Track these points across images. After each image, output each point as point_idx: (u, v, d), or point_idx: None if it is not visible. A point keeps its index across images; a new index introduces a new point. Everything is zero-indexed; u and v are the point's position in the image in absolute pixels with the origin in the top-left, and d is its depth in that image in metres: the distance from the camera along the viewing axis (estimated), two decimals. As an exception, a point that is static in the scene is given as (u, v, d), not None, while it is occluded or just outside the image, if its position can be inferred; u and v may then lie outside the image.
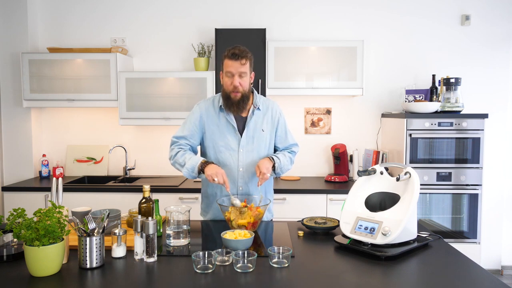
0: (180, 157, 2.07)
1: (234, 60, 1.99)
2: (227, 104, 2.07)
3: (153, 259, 1.56)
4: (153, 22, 3.72)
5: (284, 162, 2.13)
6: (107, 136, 3.78)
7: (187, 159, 2.04)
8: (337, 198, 3.16)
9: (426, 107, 3.22)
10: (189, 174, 2.03)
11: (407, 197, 1.69)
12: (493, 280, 1.38)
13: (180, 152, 2.10)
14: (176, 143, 2.14)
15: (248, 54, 2.03)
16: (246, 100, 2.07)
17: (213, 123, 2.13)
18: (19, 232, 1.40)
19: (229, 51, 2.01)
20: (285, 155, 2.18)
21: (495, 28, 3.66)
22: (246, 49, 2.04)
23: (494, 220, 3.72)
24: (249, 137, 2.12)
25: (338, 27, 3.69)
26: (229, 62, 2.01)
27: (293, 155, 2.24)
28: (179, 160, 2.07)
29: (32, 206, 3.02)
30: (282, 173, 2.14)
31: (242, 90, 2.04)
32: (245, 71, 2.02)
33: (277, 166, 2.09)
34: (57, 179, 1.74)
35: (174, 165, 2.12)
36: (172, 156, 2.12)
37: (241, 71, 2.01)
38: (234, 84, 2.02)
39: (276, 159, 2.10)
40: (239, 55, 1.99)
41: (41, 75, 3.41)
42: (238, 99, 2.05)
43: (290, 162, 2.19)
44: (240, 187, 2.13)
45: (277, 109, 2.21)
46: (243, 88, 2.04)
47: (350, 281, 1.40)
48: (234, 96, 2.04)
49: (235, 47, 2.02)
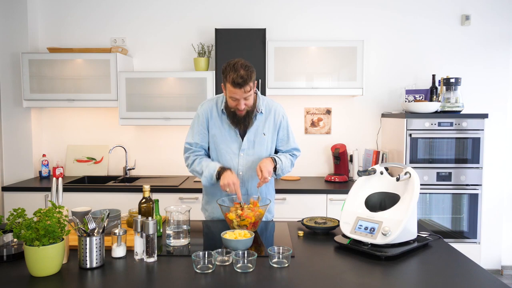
0: (197, 165, 2.09)
1: (238, 88, 1.91)
2: (233, 121, 2.06)
3: (153, 259, 1.56)
4: (153, 22, 3.72)
5: (285, 164, 2.13)
6: (107, 136, 3.78)
7: (204, 167, 2.06)
8: (337, 198, 3.16)
9: (426, 107, 3.22)
10: (208, 182, 2.05)
11: (407, 197, 1.69)
12: (493, 280, 1.38)
13: (196, 160, 2.12)
14: (189, 150, 2.15)
15: (251, 78, 1.92)
16: (251, 114, 2.06)
17: (216, 125, 2.12)
18: (19, 232, 1.40)
19: (231, 78, 1.88)
20: (286, 157, 2.17)
21: (495, 28, 3.66)
22: (248, 70, 1.90)
23: (494, 220, 3.72)
24: (250, 142, 2.11)
25: (338, 27, 3.69)
26: (232, 89, 1.92)
27: (294, 158, 2.24)
28: (197, 169, 2.10)
29: (32, 206, 3.02)
30: (282, 174, 2.14)
31: (248, 108, 2.03)
32: (250, 94, 1.97)
33: (279, 167, 2.09)
34: (57, 179, 1.74)
35: (192, 173, 2.15)
36: (189, 164, 2.15)
37: (246, 96, 1.96)
38: (239, 108, 1.99)
39: (278, 160, 2.09)
40: (242, 84, 1.89)
41: (41, 75, 3.41)
42: (244, 116, 2.04)
43: (290, 164, 2.19)
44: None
45: (280, 112, 2.19)
46: (249, 106, 2.02)
47: (350, 281, 1.40)
48: (239, 113, 2.03)
49: (237, 73, 1.87)
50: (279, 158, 2.11)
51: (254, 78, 1.97)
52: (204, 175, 2.05)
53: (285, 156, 2.17)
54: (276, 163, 2.07)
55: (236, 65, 1.90)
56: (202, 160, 2.10)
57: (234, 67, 1.90)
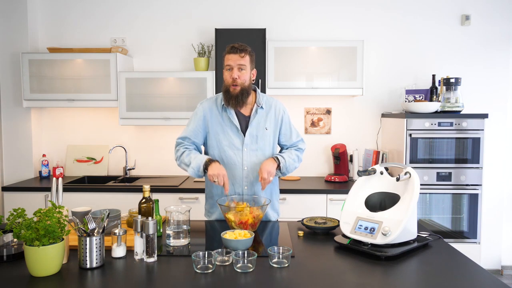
0: (186, 156, 2.07)
1: (233, 53, 2.02)
2: (226, 98, 2.07)
3: (153, 259, 1.56)
4: (153, 22, 3.72)
5: (289, 161, 2.11)
6: (107, 136, 3.78)
7: (192, 158, 2.04)
8: (337, 198, 3.16)
9: (426, 107, 3.22)
10: (195, 173, 2.02)
11: (407, 197, 1.69)
12: (493, 280, 1.38)
13: (185, 152, 2.09)
14: (180, 144, 2.14)
15: (247, 48, 2.06)
16: (245, 94, 2.06)
17: (217, 122, 2.12)
18: (19, 232, 1.40)
19: (229, 46, 2.05)
20: (291, 153, 2.16)
21: (495, 28, 3.66)
22: (247, 45, 2.08)
23: (494, 220, 3.72)
24: (252, 136, 2.11)
25: (338, 27, 3.69)
26: (228, 56, 2.04)
27: (300, 152, 2.22)
28: (185, 160, 2.06)
29: (32, 206, 3.02)
30: (288, 172, 2.13)
31: (241, 83, 2.03)
32: (244, 64, 2.04)
33: (282, 166, 2.08)
34: (57, 179, 1.74)
35: (180, 166, 2.11)
36: (178, 156, 2.12)
37: (240, 64, 2.02)
38: (232, 77, 2.02)
39: (281, 159, 2.08)
40: (238, 48, 2.02)
41: (41, 75, 3.41)
42: (237, 93, 2.04)
43: (297, 160, 2.18)
44: (245, 187, 2.12)
45: (281, 107, 2.21)
46: (242, 81, 2.03)
47: (350, 281, 1.40)
48: (233, 89, 2.04)
49: (236, 43, 2.06)
50: (282, 157, 2.10)
51: (252, 59, 2.10)
52: (192, 166, 2.02)
53: (289, 152, 2.16)
54: (279, 162, 2.07)
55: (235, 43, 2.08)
56: (191, 153, 2.08)
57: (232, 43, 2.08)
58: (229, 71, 2.04)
